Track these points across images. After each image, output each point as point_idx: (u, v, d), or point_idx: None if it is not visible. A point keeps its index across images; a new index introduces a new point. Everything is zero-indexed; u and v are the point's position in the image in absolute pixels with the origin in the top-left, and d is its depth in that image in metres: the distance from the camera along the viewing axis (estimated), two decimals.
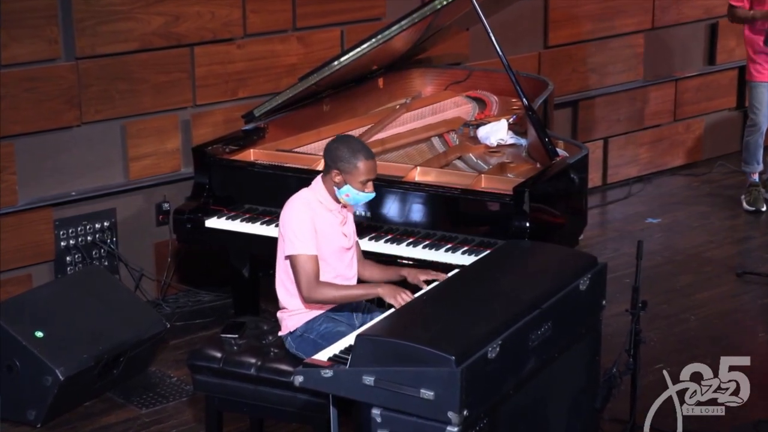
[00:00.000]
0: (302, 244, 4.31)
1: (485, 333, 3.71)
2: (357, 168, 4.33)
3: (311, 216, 4.35)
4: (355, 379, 3.66)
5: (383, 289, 4.27)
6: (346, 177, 4.35)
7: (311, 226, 4.33)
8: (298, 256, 4.31)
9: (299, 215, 4.34)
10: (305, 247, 4.31)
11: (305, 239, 4.31)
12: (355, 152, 4.33)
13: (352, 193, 4.37)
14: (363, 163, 4.33)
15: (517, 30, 7.49)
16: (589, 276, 4.22)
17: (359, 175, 4.34)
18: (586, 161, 5.42)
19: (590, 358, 4.36)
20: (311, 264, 4.30)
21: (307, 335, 4.40)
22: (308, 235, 4.32)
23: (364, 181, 4.35)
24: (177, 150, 6.28)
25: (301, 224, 4.32)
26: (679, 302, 6.26)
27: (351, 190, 4.36)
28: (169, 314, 6.11)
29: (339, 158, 4.35)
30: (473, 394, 3.56)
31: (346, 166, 4.33)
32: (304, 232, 4.31)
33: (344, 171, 4.34)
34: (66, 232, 5.98)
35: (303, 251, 4.30)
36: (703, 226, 7.41)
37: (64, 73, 5.84)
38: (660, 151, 8.38)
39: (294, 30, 6.58)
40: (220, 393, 4.48)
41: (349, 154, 4.33)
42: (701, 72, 8.50)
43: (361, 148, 4.37)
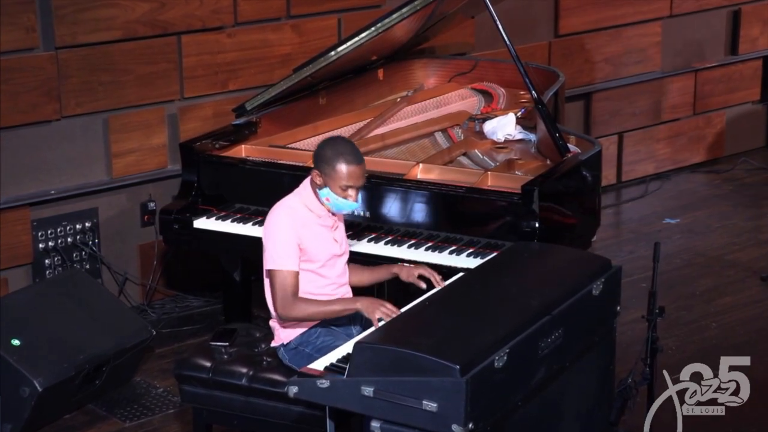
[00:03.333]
0: (281, 259, 4.29)
1: (492, 341, 3.71)
2: (335, 170, 4.28)
3: (295, 227, 4.32)
4: (353, 389, 3.67)
5: (362, 304, 4.24)
6: (325, 179, 4.32)
7: (293, 239, 4.30)
8: (276, 272, 4.29)
9: (281, 227, 4.32)
10: (284, 263, 4.29)
11: (285, 254, 4.29)
12: (337, 153, 4.30)
13: (332, 198, 4.34)
14: (344, 166, 4.28)
15: (526, 18, 7.50)
16: (603, 280, 4.23)
17: (339, 179, 4.30)
18: (600, 158, 5.44)
19: (604, 367, 4.37)
20: (289, 280, 4.28)
21: (302, 348, 4.40)
22: (289, 250, 4.29)
23: (344, 186, 4.31)
24: (163, 146, 6.29)
25: (282, 237, 4.30)
26: (699, 308, 6.27)
27: (331, 195, 4.33)
28: (155, 321, 6.12)
29: (321, 157, 4.33)
30: (479, 406, 3.57)
31: (326, 167, 4.31)
32: (285, 245, 4.29)
33: (324, 172, 4.31)
34: (44, 233, 5.99)
35: (282, 267, 4.29)
36: (725, 227, 7.43)
37: (43, 63, 5.85)
38: (678, 147, 8.40)
39: (288, 18, 6.59)
40: (209, 405, 4.49)
41: (331, 154, 4.30)
42: (723, 62, 8.51)
43: (345, 151, 4.32)
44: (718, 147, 8.61)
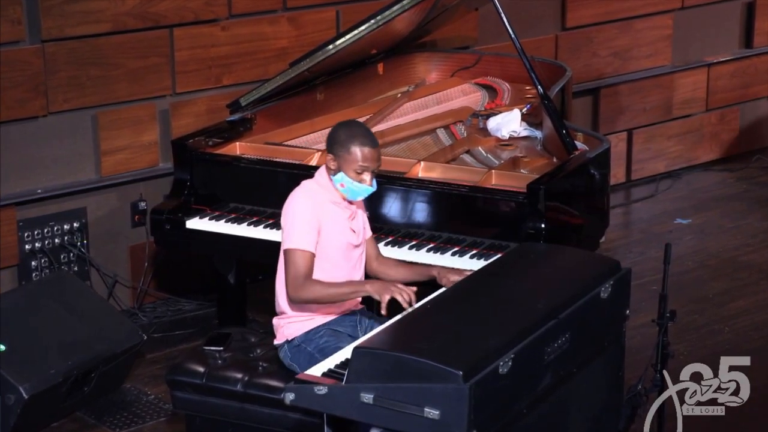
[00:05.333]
0: (299, 238, 4.33)
1: (496, 345, 3.72)
2: (350, 152, 4.34)
3: (314, 208, 4.37)
4: (352, 396, 3.67)
5: (372, 286, 4.28)
6: (339, 162, 4.37)
7: (312, 220, 4.35)
8: (291, 251, 4.33)
9: (300, 207, 4.37)
10: (301, 242, 4.33)
11: (303, 233, 4.33)
12: (351, 136, 4.35)
13: (346, 183, 4.38)
14: (358, 148, 4.33)
15: (531, 10, 7.51)
16: (612, 282, 4.23)
17: (353, 162, 4.34)
18: (608, 155, 5.45)
19: (613, 373, 4.38)
20: (304, 261, 4.32)
21: (304, 346, 4.42)
22: (307, 229, 4.34)
23: (359, 169, 4.36)
24: (155, 143, 6.30)
25: (301, 216, 4.35)
26: (712, 312, 6.27)
27: (345, 179, 4.37)
28: (146, 325, 6.12)
29: (334, 140, 4.38)
30: (483, 414, 3.58)
31: (340, 149, 4.36)
32: (303, 225, 4.34)
33: (338, 155, 4.36)
34: (31, 233, 5.99)
35: (298, 246, 4.32)
36: (739, 228, 7.43)
37: (29, 57, 5.85)
38: (690, 144, 8.40)
39: (284, 10, 6.60)
40: (202, 412, 4.49)
41: (345, 136, 4.36)
42: (737, 56, 8.52)
43: (360, 133, 4.38)
44: (732, 144, 8.62)
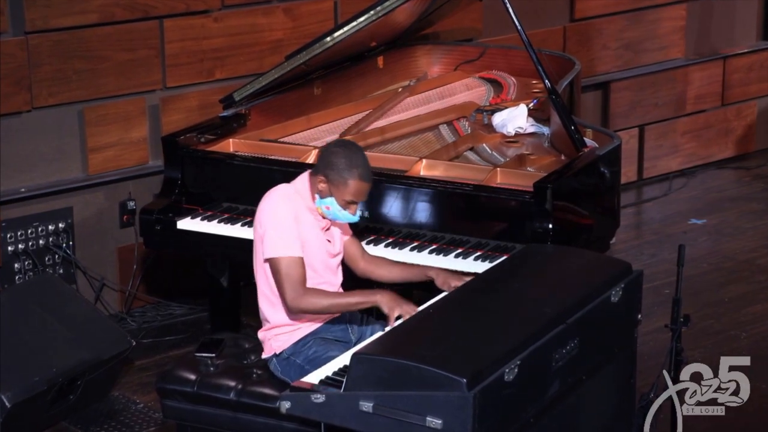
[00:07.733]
0: (285, 244, 4.31)
1: (502, 352, 3.72)
2: (347, 184, 4.32)
3: (295, 214, 4.36)
4: (350, 404, 3.68)
5: (383, 297, 4.29)
6: (331, 188, 4.35)
7: (295, 225, 4.34)
8: (280, 259, 4.31)
9: (282, 212, 4.35)
10: (289, 249, 4.31)
11: (288, 239, 4.31)
12: (352, 166, 4.32)
13: (333, 207, 4.37)
14: (356, 182, 4.32)
15: (538, 0, 7.51)
16: (623, 286, 4.24)
17: (346, 193, 4.34)
18: (619, 153, 5.45)
19: (624, 381, 4.38)
20: (296, 268, 4.31)
21: (293, 359, 4.42)
22: (292, 234, 4.32)
23: (350, 200, 4.35)
24: (144, 139, 6.30)
25: (284, 221, 4.33)
26: (728, 317, 6.28)
27: (333, 204, 4.36)
28: (135, 330, 6.13)
29: (332, 165, 4.35)
30: (487, 423, 3.58)
31: (336, 176, 4.33)
32: (290, 230, 4.32)
33: (332, 181, 4.34)
34: (14, 234, 6.00)
35: (286, 253, 4.31)
36: (756, 228, 7.44)
37: (12, 49, 5.85)
38: (705, 141, 8.41)
39: (280, 1, 6.60)
40: (193, 421, 4.50)
41: (345, 164, 4.33)
42: (753, 49, 8.53)
43: (360, 164, 4.35)
44: (748, 141, 8.63)
